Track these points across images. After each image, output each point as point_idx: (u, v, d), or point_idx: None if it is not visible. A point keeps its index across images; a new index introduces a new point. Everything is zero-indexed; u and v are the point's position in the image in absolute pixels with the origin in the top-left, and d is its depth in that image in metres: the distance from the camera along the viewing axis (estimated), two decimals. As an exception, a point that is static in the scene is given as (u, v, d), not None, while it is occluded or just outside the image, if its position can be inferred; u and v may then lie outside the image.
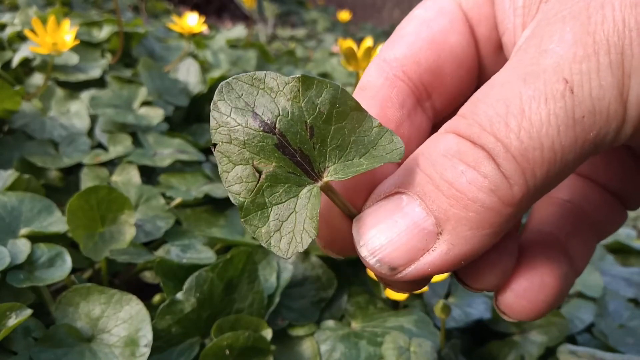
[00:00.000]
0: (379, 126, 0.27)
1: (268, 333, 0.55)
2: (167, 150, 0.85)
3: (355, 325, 0.63)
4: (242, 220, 0.26)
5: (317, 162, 0.27)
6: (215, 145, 0.26)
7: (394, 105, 0.32)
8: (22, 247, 0.55)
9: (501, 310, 0.31)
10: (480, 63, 0.34)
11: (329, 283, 0.66)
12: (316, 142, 0.27)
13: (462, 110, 0.27)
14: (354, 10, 3.41)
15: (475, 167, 0.25)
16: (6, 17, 1.12)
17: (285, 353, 0.59)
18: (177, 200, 0.74)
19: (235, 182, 0.26)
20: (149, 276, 0.66)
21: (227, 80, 0.26)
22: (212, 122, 0.26)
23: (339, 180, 0.26)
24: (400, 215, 0.27)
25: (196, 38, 1.35)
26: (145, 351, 0.50)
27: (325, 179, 0.27)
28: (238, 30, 1.86)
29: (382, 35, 3.56)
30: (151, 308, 0.53)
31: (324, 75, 1.58)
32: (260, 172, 0.26)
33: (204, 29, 1.12)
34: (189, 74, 1.08)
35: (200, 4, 2.92)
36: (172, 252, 0.61)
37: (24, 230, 0.59)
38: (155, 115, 0.91)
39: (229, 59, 1.32)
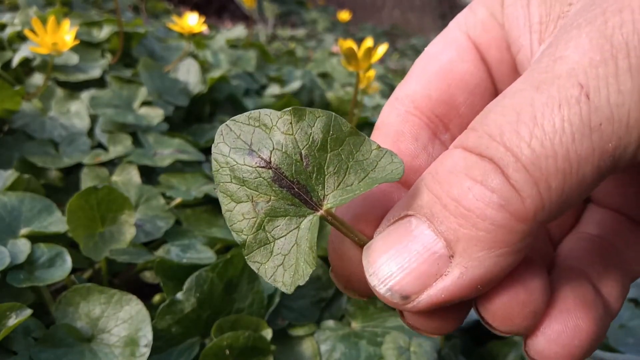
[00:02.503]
0: (378, 148, 0.27)
1: (268, 333, 0.55)
2: (167, 150, 0.85)
3: (355, 325, 0.63)
4: (245, 258, 0.27)
5: (315, 191, 0.27)
6: (217, 186, 0.27)
7: (407, 139, 0.32)
8: (22, 247, 0.55)
9: (531, 356, 0.28)
10: (496, 87, 0.34)
11: (329, 283, 0.66)
12: (312, 171, 0.27)
13: (473, 122, 0.25)
14: (354, 10, 3.41)
15: (482, 182, 0.23)
16: (6, 17, 1.12)
17: (285, 353, 0.59)
18: (177, 200, 0.74)
19: (237, 220, 0.27)
20: (149, 276, 0.66)
21: (227, 122, 0.27)
22: (214, 165, 0.27)
23: (337, 206, 0.26)
24: (410, 240, 0.25)
25: (196, 38, 1.35)
26: (145, 351, 0.50)
27: (325, 207, 0.27)
28: (238, 30, 1.86)
29: (382, 35, 3.56)
30: (151, 308, 0.53)
31: (324, 75, 1.58)
32: (259, 207, 0.26)
33: (204, 29, 1.12)
34: (189, 74, 1.08)
35: (200, 4, 2.92)
36: (172, 252, 0.61)
37: (24, 230, 0.59)
38: (155, 115, 0.91)
39: (229, 59, 1.32)
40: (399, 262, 0.26)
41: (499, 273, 0.25)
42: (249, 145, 0.27)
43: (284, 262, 0.26)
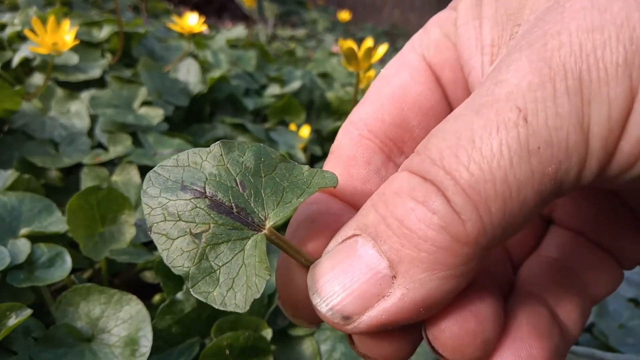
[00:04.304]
0: (309, 169, 0.27)
1: (268, 333, 0.55)
2: (167, 150, 0.85)
3: (355, 325, 0.63)
4: (191, 290, 0.25)
5: (256, 213, 0.27)
6: (150, 228, 0.26)
7: (359, 163, 0.32)
8: (22, 247, 0.55)
9: None
10: (452, 108, 0.33)
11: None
12: (250, 194, 0.27)
13: (418, 147, 0.26)
14: (354, 10, 3.41)
15: (424, 203, 0.23)
16: (6, 17, 1.12)
17: (285, 353, 0.59)
18: (177, 200, 0.74)
19: (176, 256, 0.26)
20: (149, 276, 0.66)
21: (154, 169, 0.27)
22: (145, 209, 0.26)
23: (281, 221, 0.26)
24: (354, 259, 0.25)
25: (196, 38, 1.35)
26: (145, 351, 0.50)
27: (268, 226, 0.26)
28: (238, 30, 1.86)
29: (382, 35, 3.56)
30: (151, 308, 0.53)
31: (324, 75, 1.58)
32: (199, 238, 0.26)
33: (204, 29, 1.12)
34: (189, 74, 1.08)
35: (200, 4, 2.92)
36: (172, 252, 0.61)
37: (24, 230, 0.59)
38: (155, 115, 0.91)
39: (229, 59, 1.32)
40: (342, 281, 0.25)
41: (441, 297, 0.24)
42: (180, 183, 0.27)
43: (234, 285, 0.26)
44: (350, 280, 0.25)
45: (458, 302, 0.26)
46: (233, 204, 0.26)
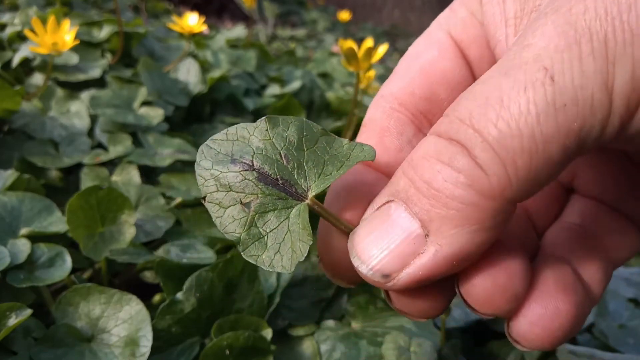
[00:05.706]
0: (349, 142, 0.30)
1: (268, 333, 0.55)
2: (167, 150, 0.85)
3: (355, 325, 0.63)
4: (242, 253, 0.28)
5: (299, 184, 0.29)
6: (204, 198, 0.29)
7: (392, 134, 0.34)
8: (22, 247, 0.55)
9: (514, 338, 0.30)
10: None
11: (329, 283, 0.66)
12: (293, 167, 0.29)
13: (446, 110, 0.27)
14: (354, 10, 3.41)
15: (449, 164, 0.25)
16: (6, 17, 1.12)
17: (286, 353, 0.59)
18: (177, 200, 0.74)
19: (229, 223, 0.29)
20: (149, 276, 0.66)
21: (205, 142, 0.30)
22: (199, 180, 0.29)
23: (321, 192, 0.28)
24: (389, 223, 0.27)
25: (196, 38, 1.35)
26: (145, 351, 0.50)
27: (310, 196, 0.29)
28: (238, 30, 1.86)
29: (382, 35, 3.56)
30: (151, 308, 0.53)
31: (324, 75, 1.58)
32: (249, 207, 0.29)
33: (204, 29, 1.12)
34: (189, 74, 1.08)
35: (200, 4, 2.92)
36: (172, 252, 0.61)
37: (24, 230, 0.59)
38: (155, 115, 0.91)
39: (229, 59, 1.32)
40: (380, 245, 0.27)
41: (472, 249, 0.26)
42: (230, 156, 0.29)
43: (280, 249, 0.28)
44: (387, 242, 0.27)
45: (488, 259, 0.28)
46: (278, 176, 0.29)
